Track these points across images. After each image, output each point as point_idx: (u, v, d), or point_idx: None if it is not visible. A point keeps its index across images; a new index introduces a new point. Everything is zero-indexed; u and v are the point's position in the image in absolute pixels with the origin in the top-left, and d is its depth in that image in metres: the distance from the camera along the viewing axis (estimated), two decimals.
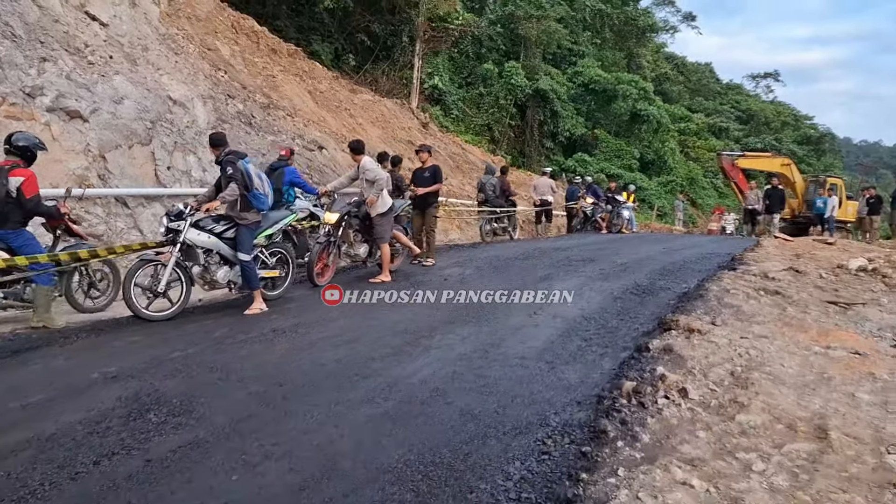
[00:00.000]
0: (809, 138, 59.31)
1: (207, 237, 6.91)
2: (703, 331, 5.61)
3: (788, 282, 8.97)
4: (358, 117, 22.03)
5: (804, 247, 13.21)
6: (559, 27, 34.63)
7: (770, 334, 5.75)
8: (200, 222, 6.93)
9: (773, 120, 60.60)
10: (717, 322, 6.06)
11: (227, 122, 11.95)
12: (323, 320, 6.57)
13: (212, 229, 6.99)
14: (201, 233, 6.88)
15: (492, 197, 15.37)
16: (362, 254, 9.31)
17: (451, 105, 30.81)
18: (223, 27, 17.65)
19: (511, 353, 5.45)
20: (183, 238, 6.70)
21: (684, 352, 5.06)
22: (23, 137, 6.53)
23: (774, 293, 7.95)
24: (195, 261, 6.93)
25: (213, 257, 7.07)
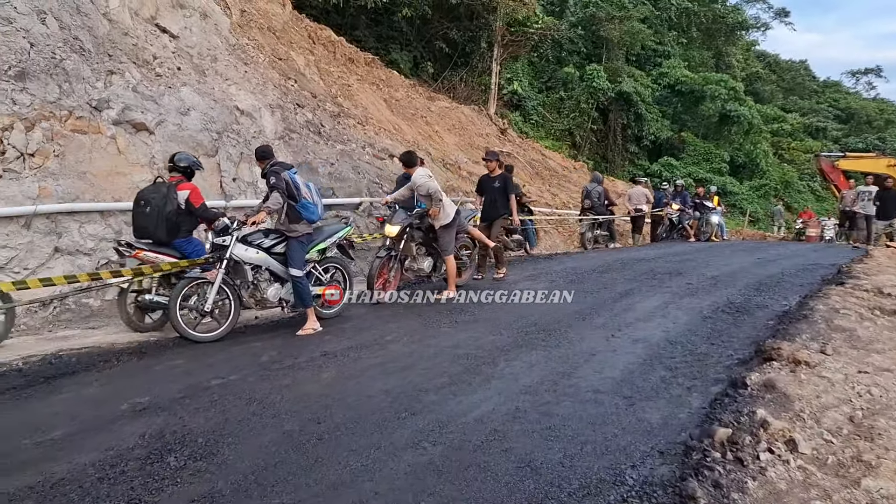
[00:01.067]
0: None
1: (255, 252, 6.58)
2: (811, 362, 4.79)
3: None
4: (434, 125, 21.66)
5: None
6: (643, 27, 33.41)
7: (895, 367, 4.88)
8: (248, 237, 6.58)
9: (875, 118, 56.88)
10: (828, 350, 5.21)
11: (295, 131, 11.72)
12: (378, 343, 6.08)
13: (260, 244, 6.65)
14: (248, 248, 6.55)
15: (597, 205, 15.56)
16: (426, 268, 8.76)
17: (530, 110, 30.15)
18: (299, 38, 17.63)
19: (584, 386, 4.80)
20: (229, 254, 6.36)
21: (790, 389, 4.28)
22: (184, 157, 7.56)
23: (893, 313, 6.97)
24: (243, 278, 6.59)
25: (262, 274, 6.70)
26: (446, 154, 17.51)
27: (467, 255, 9.22)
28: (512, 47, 28.93)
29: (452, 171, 16.44)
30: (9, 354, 5.23)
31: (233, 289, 6.49)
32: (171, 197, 6.99)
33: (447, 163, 16.60)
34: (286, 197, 6.54)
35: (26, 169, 7.80)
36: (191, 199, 7.04)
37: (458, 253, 8.98)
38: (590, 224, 15.54)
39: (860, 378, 4.50)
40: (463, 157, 18.97)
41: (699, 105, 34.61)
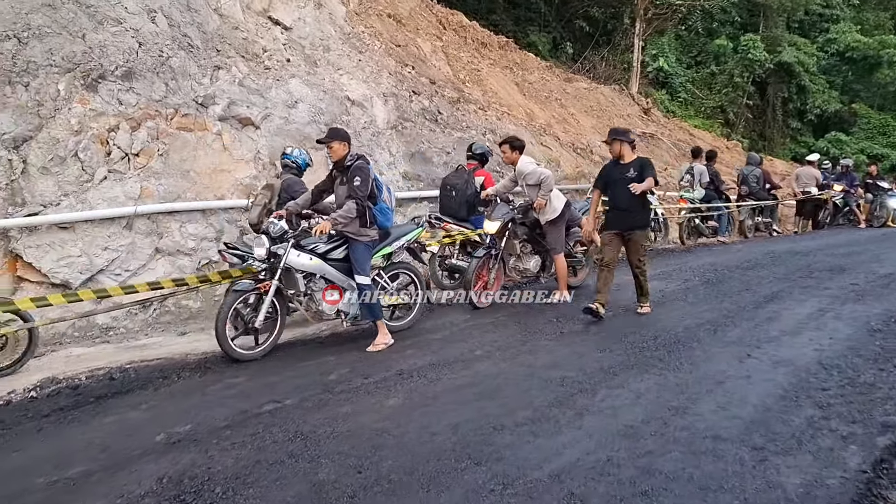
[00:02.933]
0: None
1: (309, 259, 5.82)
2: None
3: None
4: (570, 107, 20.56)
5: None
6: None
7: None
8: (302, 241, 5.87)
9: None
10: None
11: (409, 119, 11.18)
12: (464, 359, 5.35)
13: (314, 248, 5.90)
14: (301, 254, 5.80)
15: (756, 189, 14.09)
16: (533, 268, 7.80)
17: (677, 87, 28.11)
18: (426, 24, 17.19)
19: (701, 428, 3.82)
20: (283, 263, 5.68)
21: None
22: (479, 146, 8.80)
23: None
24: (295, 288, 5.87)
25: (317, 283, 5.95)
26: (577, 137, 16.41)
27: (583, 253, 8.24)
28: (657, 22, 27.08)
29: (584, 155, 15.35)
30: (77, 367, 5.02)
31: (282, 301, 5.86)
32: (470, 182, 8.20)
33: (577, 147, 15.52)
34: (366, 203, 5.78)
35: (130, 169, 7.75)
36: (485, 185, 8.23)
37: (572, 250, 8.04)
38: (750, 210, 14.02)
39: None
40: (598, 139, 17.75)
41: (874, 73, 30.72)
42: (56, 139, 7.35)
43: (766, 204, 14.27)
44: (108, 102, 7.88)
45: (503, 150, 7.54)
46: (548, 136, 14.91)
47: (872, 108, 31.79)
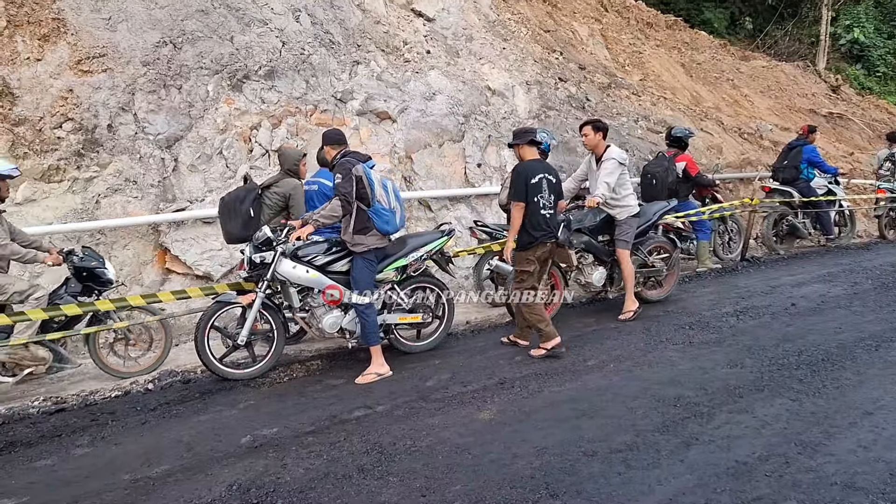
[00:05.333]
0: None
1: (305, 271, 5.19)
2: None
3: None
4: (742, 88, 19.04)
5: None
6: None
7: None
8: (300, 251, 5.27)
9: None
10: None
11: (553, 108, 10.74)
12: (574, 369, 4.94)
13: (311, 260, 5.26)
14: (298, 265, 5.18)
15: None
16: (597, 281, 6.75)
17: (875, 61, 25.11)
18: (584, 7, 16.60)
19: (831, 472, 3.22)
20: (271, 273, 5.13)
21: None
22: (678, 130, 8.75)
23: None
24: (290, 302, 5.34)
25: (316, 298, 5.32)
26: (744, 122, 15.08)
27: (664, 261, 7.11)
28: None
29: (751, 140, 14.05)
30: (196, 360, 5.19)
31: (277, 315, 5.32)
32: (671, 168, 7.97)
33: (745, 132, 14.24)
34: (354, 202, 5.06)
35: (270, 165, 8.02)
36: (688, 168, 8.29)
37: (649, 260, 6.97)
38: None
39: None
40: (772, 123, 16.23)
41: None
42: (203, 138, 7.76)
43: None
44: (251, 101, 8.22)
45: (585, 132, 6.56)
46: (709, 120, 13.81)
47: None
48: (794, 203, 9.81)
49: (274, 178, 6.25)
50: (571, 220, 6.44)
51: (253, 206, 5.83)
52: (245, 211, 5.79)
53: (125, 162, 7.12)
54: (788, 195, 9.78)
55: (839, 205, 10.63)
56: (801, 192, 9.76)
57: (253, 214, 5.80)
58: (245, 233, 5.54)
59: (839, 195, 10.44)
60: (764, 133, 14.69)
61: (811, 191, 9.85)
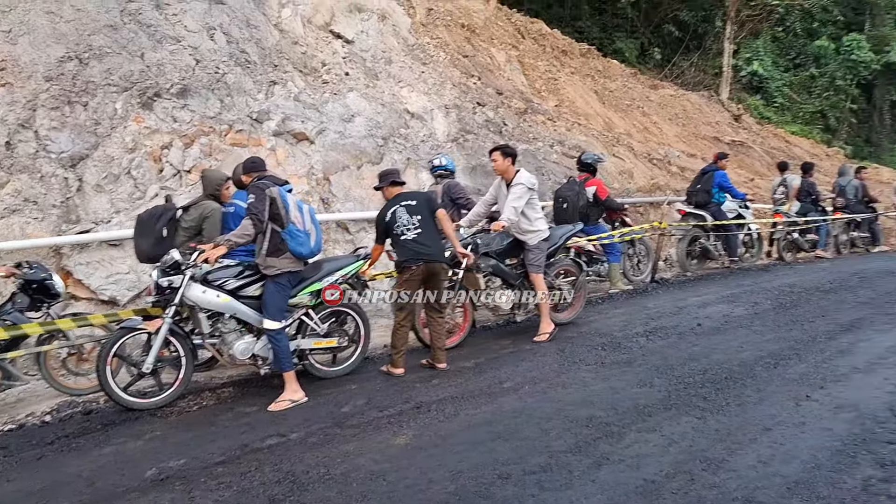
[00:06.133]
0: None
1: (216, 296, 4.99)
2: None
3: None
4: (652, 115, 19.79)
5: None
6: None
7: None
8: (210, 275, 5.06)
9: None
10: None
11: (471, 132, 10.89)
12: (490, 391, 4.95)
13: (222, 284, 5.06)
14: (208, 290, 4.97)
15: (853, 202, 13.11)
16: (505, 304, 6.70)
17: (773, 92, 26.65)
18: (502, 33, 16.93)
19: (732, 487, 3.33)
20: (179, 298, 4.88)
21: None
22: (588, 156, 9.00)
23: None
24: (199, 328, 5.12)
25: (227, 323, 5.12)
26: (654, 148, 15.68)
27: (570, 283, 7.11)
28: (751, 24, 25.83)
29: (660, 166, 14.62)
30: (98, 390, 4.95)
31: (186, 342, 5.06)
32: (581, 193, 8.17)
33: (654, 157, 14.80)
34: (265, 223, 4.94)
35: (182, 186, 7.79)
36: (598, 193, 8.47)
37: (555, 283, 6.95)
38: (844, 225, 13.07)
39: None
40: (679, 150, 16.95)
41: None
42: (111, 157, 7.47)
43: (861, 217, 13.15)
44: (162, 120, 7.99)
45: (494, 157, 6.55)
46: (621, 146, 14.29)
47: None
48: (706, 226, 10.25)
49: (194, 200, 6.08)
50: (479, 244, 6.49)
51: (168, 226, 5.66)
52: (159, 230, 5.61)
53: (24, 181, 6.77)
54: (701, 218, 10.21)
55: (748, 228, 11.17)
56: (712, 216, 10.21)
57: (166, 234, 5.63)
58: (156, 252, 5.36)
59: (748, 219, 10.99)
60: (672, 159, 15.31)
61: (722, 214, 10.33)
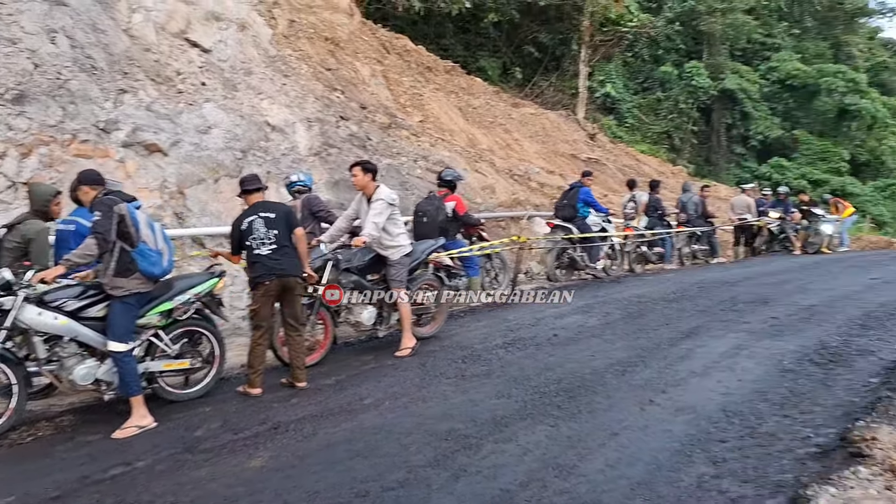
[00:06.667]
0: None
1: (54, 318, 4.63)
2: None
3: None
4: (514, 132, 20.48)
5: None
6: (748, 19, 30.65)
7: None
8: (48, 295, 4.70)
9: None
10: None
11: (334, 146, 10.82)
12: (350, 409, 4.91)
13: (61, 306, 4.70)
14: (44, 311, 4.62)
15: (693, 217, 14.12)
16: (367, 320, 6.58)
17: (625, 113, 28.33)
18: (366, 48, 16.93)
19: (582, 491, 3.49)
20: (10, 322, 4.49)
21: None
22: (448, 173, 9.10)
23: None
24: (34, 353, 4.71)
25: (67, 347, 4.73)
26: (515, 164, 16.23)
27: (433, 298, 7.22)
28: (604, 48, 27.35)
29: (521, 182, 15.14)
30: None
31: (19, 368, 4.62)
32: (441, 208, 8.29)
33: (515, 174, 15.31)
34: (112, 241, 4.66)
35: (18, 199, 7.21)
36: (457, 209, 8.65)
37: (417, 297, 6.98)
38: (686, 238, 14.03)
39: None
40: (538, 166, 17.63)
41: (814, 100, 31.50)
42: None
43: (701, 231, 14.21)
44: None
45: (354, 172, 6.51)
46: (484, 162, 14.69)
47: (812, 134, 32.47)
48: (573, 238, 10.72)
49: (20, 218, 5.61)
50: (340, 260, 6.43)
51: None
52: None
53: None
54: (569, 231, 10.66)
55: (611, 241, 11.80)
56: (579, 229, 10.70)
57: None
58: None
59: (611, 232, 11.62)
60: (532, 175, 15.89)
61: (587, 227, 10.86)
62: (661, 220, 13.15)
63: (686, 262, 13.92)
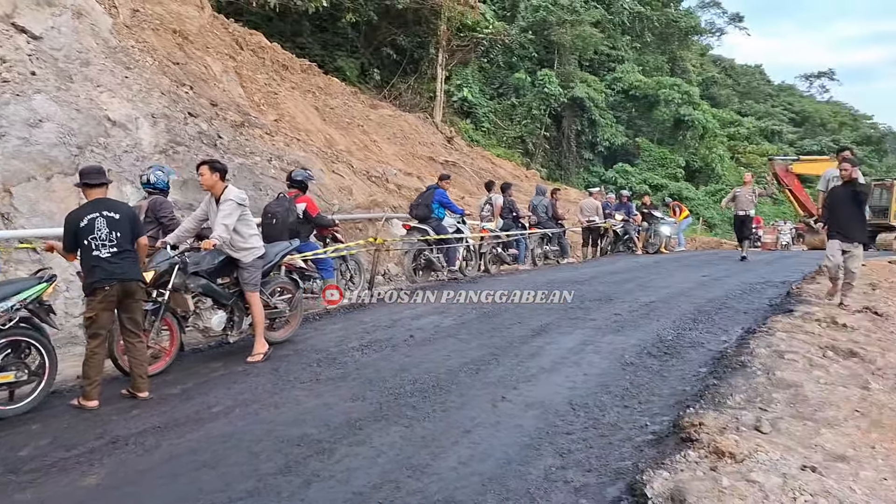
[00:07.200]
0: (870, 138, 55.60)
1: None
2: (738, 454, 3.56)
3: (867, 331, 6.82)
4: (372, 134, 20.43)
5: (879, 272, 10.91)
6: (595, 32, 32.49)
7: (852, 453, 3.70)
8: None
9: (829, 121, 57.08)
10: (764, 427, 3.99)
11: (182, 143, 10.32)
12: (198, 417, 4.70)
13: None
14: None
15: (544, 219, 14.73)
16: (216, 326, 6.30)
17: (481, 117, 29.09)
18: (218, 42, 16.28)
19: (434, 490, 3.53)
20: None
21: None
22: (298, 173, 8.93)
23: (849, 354, 5.86)
24: None
25: None
26: (373, 166, 16.21)
27: (287, 301, 7.05)
28: (461, 53, 27.90)
29: (379, 183, 15.15)
30: None
31: None
32: (291, 209, 8.14)
33: (372, 175, 15.29)
34: None
35: None
36: (308, 210, 8.44)
37: (271, 301, 6.82)
38: (539, 239, 14.54)
39: (804, 480, 3.29)
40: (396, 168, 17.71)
41: (653, 110, 33.94)
42: None
43: (553, 232, 14.84)
44: None
45: (201, 172, 6.22)
46: (341, 163, 14.56)
47: (653, 142, 34.92)
48: (429, 239, 10.81)
49: None
50: (188, 263, 6.12)
51: None
52: None
53: None
54: (426, 233, 10.74)
55: (466, 241, 12.01)
56: (434, 230, 10.81)
57: None
58: None
59: (466, 233, 11.82)
60: (390, 177, 15.93)
61: (443, 229, 11.00)
62: (515, 222, 13.61)
63: (538, 263, 14.48)
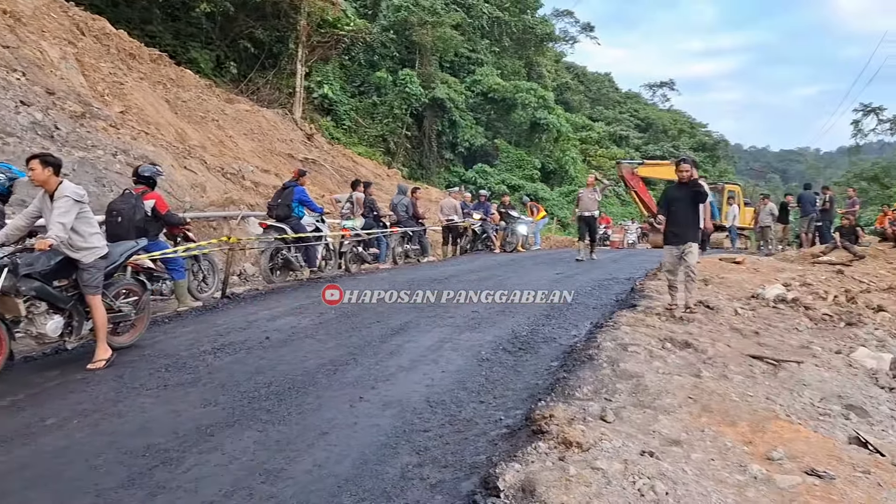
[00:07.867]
0: (705, 145, 60.40)
1: None
2: (584, 443, 3.70)
3: (700, 323, 7.33)
4: (228, 129, 19.67)
5: (711, 268, 11.78)
6: (455, 34, 33.05)
7: (684, 437, 3.93)
8: None
9: (670, 128, 61.39)
10: (609, 416, 4.18)
11: (13, 134, 9.45)
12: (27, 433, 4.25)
13: None
14: None
15: (404, 218, 14.72)
16: (52, 332, 5.72)
17: (342, 115, 28.76)
18: (55, 27, 15.09)
19: (289, 495, 3.40)
20: None
21: (553, 497, 3.13)
22: (146, 169, 8.29)
23: (685, 345, 6.25)
24: None
25: None
26: (228, 162, 15.61)
27: (133, 304, 6.57)
28: (321, 49, 27.43)
29: (234, 180, 14.59)
30: None
31: None
32: (138, 206, 7.69)
33: (228, 172, 14.72)
34: None
35: None
36: (157, 207, 7.92)
37: (115, 304, 6.33)
38: (399, 238, 14.56)
39: (643, 465, 3.46)
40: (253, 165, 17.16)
41: (511, 113, 34.96)
42: None
43: (413, 231, 14.93)
44: None
45: (32, 166, 5.67)
46: (194, 158, 13.89)
47: (511, 143, 36.01)
48: (287, 238, 10.49)
49: None
50: (19, 265, 5.58)
51: None
52: None
53: None
54: (283, 231, 10.42)
55: (326, 240, 11.77)
56: (293, 229, 10.51)
57: None
58: None
59: (325, 232, 11.58)
60: (246, 174, 15.40)
61: (301, 227, 10.71)
62: (376, 221, 13.56)
63: (399, 262, 14.49)
